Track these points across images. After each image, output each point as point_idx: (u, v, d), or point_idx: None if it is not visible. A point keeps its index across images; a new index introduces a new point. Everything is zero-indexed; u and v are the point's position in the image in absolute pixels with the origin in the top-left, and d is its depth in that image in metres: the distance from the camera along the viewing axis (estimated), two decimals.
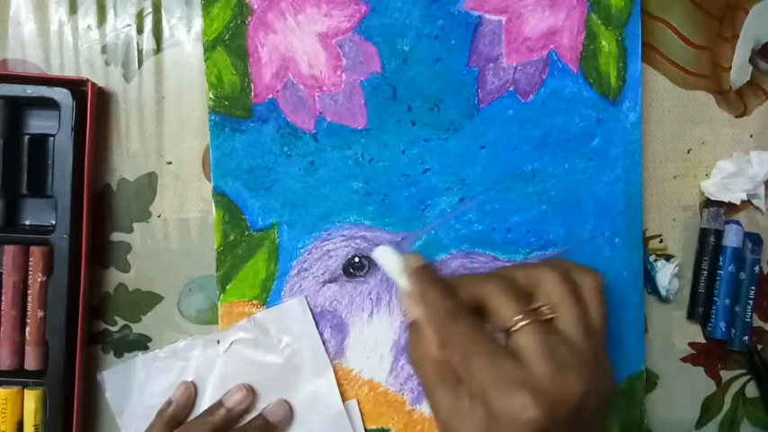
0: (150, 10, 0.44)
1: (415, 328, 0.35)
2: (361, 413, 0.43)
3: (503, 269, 0.36)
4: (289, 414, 0.42)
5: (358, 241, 0.43)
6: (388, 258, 0.38)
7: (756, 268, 0.45)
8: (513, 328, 0.32)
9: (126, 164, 0.44)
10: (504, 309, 0.33)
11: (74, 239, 0.41)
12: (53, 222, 0.41)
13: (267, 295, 0.43)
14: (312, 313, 0.43)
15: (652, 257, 0.45)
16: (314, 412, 0.43)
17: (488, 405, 0.30)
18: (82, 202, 0.42)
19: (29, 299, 0.41)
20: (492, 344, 0.32)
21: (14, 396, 0.41)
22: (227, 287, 0.43)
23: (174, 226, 0.44)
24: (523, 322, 0.32)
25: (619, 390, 0.42)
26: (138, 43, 0.44)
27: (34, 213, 0.43)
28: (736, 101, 0.46)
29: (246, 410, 0.42)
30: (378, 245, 0.43)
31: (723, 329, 0.45)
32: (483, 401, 0.31)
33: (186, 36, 0.44)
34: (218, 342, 0.43)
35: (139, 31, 0.44)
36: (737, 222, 0.45)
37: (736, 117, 0.46)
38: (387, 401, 0.44)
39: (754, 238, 0.45)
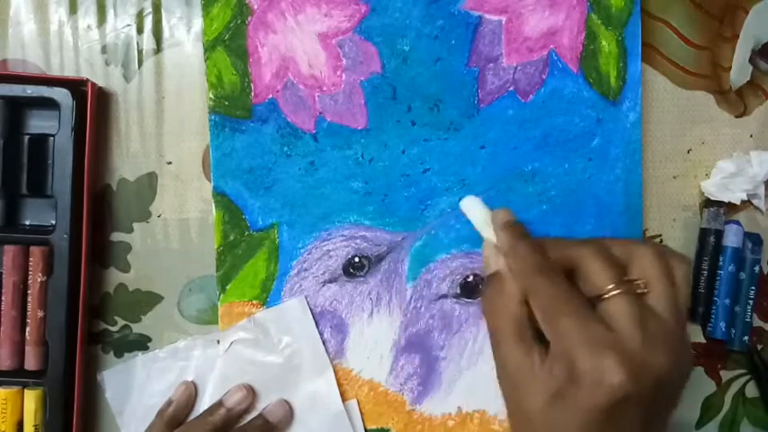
0: (150, 10, 0.44)
1: (496, 280, 0.34)
2: (361, 413, 0.43)
3: (598, 238, 0.35)
4: (289, 414, 0.42)
5: (358, 241, 0.43)
6: (474, 208, 0.36)
7: (756, 268, 0.45)
8: (606, 296, 0.31)
9: (126, 164, 0.44)
10: (598, 275, 0.32)
11: (74, 239, 0.41)
12: (53, 222, 0.41)
13: (267, 295, 0.43)
14: (312, 313, 0.43)
15: None
16: (314, 412, 0.43)
17: (573, 365, 0.30)
18: (82, 202, 0.42)
19: (29, 299, 0.41)
20: (583, 304, 0.31)
21: (14, 396, 0.41)
22: (227, 287, 0.43)
23: (174, 226, 0.44)
24: (616, 291, 0.31)
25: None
26: (138, 43, 0.44)
27: (34, 213, 0.43)
28: (736, 101, 0.46)
29: (246, 410, 0.42)
30: (378, 245, 0.43)
31: (723, 329, 0.45)
32: (566, 361, 0.30)
33: (186, 36, 0.44)
34: (218, 342, 0.43)
35: (139, 31, 0.44)
36: (737, 222, 0.45)
37: (736, 117, 0.46)
38: (387, 401, 0.44)
39: (754, 238, 0.45)
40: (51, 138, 0.42)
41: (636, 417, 0.29)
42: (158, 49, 0.44)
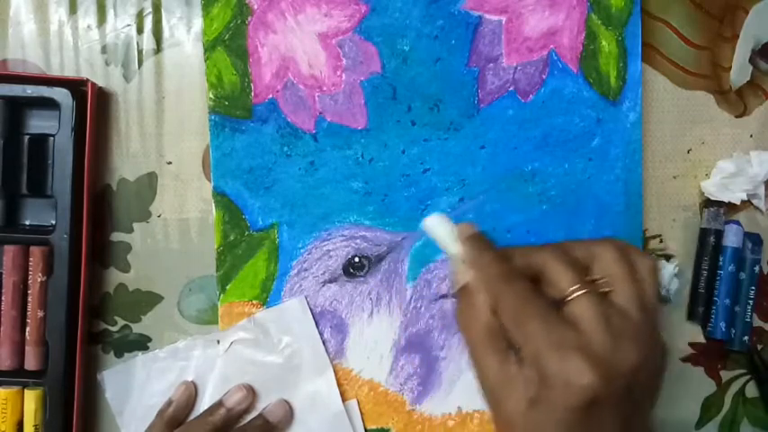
0: (150, 10, 0.44)
1: (466, 293, 0.34)
2: (361, 413, 0.43)
3: (559, 242, 0.35)
4: (289, 414, 0.42)
5: (358, 241, 0.43)
6: (440, 226, 0.37)
7: (756, 268, 0.45)
8: (569, 298, 0.32)
9: (126, 164, 0.44)
10: (560, 277, 0.32)
11: (74, 239, 0.41)
12: (53, 222, 0.41)
13: (267, 295, 0.43)
14: (312, 313, 0.43)
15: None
16: (314, 412, 0.43)
17: (542, 369, 0.30)
18: (82, 202, 0.42)
19: (29, 299, 0.41)
20: (548, 308, 0.32)
21: (14, 396, 0.41)
22: (227, 287, 0.43)
23: (174, 226, 0.44)
24: (580, 292, 0.32)
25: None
26: (138, 43, 0.44)
27: (34, 213, 0.43)
28: (736, 101, 0.46)
29: (246, 410, 0.42)
30: (378, 245, 0.43)
31: (723, 329, 0.45)
32: (536, 365, 0.30)
33: (186, 36, 0.44)
34: (218, 342, 0.43)
35: (139, 31, 0.44)
36: (737, 222, 0.45)
37: (736, 117, 0.46)
38: (387, 401, 0.44)
39: (754, 238, 0.45)
40: (51, 138, 0.42)
41: (612, 415, 0.30)
42: (158, 49, 0.44)
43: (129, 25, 0.44)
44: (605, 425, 0.30)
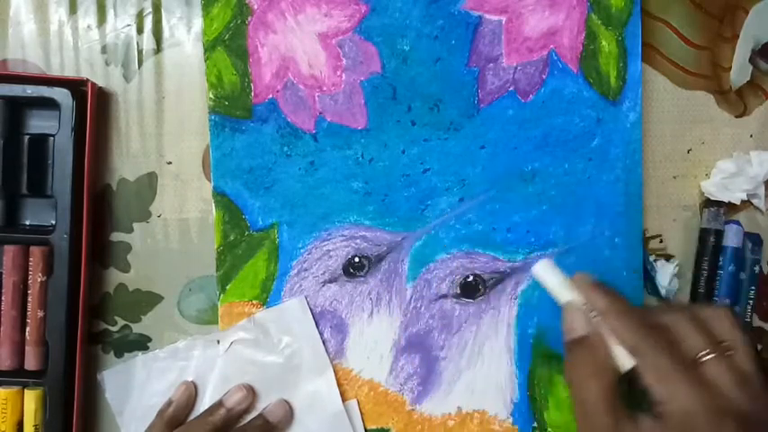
0: (150, 10, 0.44)
1: (584, 345, 0.35)
2: (361, 413, 0.43)
3: (681, 304, 0.37)
4: (289, 414, 0.42)
5: (358, 241, 0.43)
6: (553, 273, 0.38)
7: (756, 268, 0.45)
8: (702, 359, 0.33)
9: (126, 164, 0.44)
10: (693, 338, 0.34)
11: (74, 239, 0.41)
12: (53, 222, 0.41)
13: (267, 295, 0.43)
14: (312, 313, 0.43)
15: (652, 257, 0.45)
16: (314, 412, 0.43)
17: (691, 429, 0.31)
18: (82, 202, 0.42)
19: (29, 299, 0.41)
20: (692, 368, 0.33)
21: (14, 396, 0.41)
22: (227, 287, 0.43)
23: (174, 226, 0.44)
24: (712, 354, 0.33)
25: None
26: (138, 43, 0.44)
27: (34, 213, 0.43)
28: (736, 101, 0.46)
29: (246, 410, 0.42)
30: (378, 245, 0.43)
31: None
32: (683, 424, 0.31)
33: (186, 36, 0.44)
34: (218, 342, 0.43)
35: (139, 31, 0.44)
36: (737, 222, 0.45)
37: (736, 117, 0.46)
38: (387, 401, 0.44)
39: (754, 238, 0.45)
40: (51, 138, 0.42)
41: None
42: (158, 49, 0.44)
43: (129, 25, 0.44)
44: None
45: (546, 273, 0.38)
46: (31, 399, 0.41)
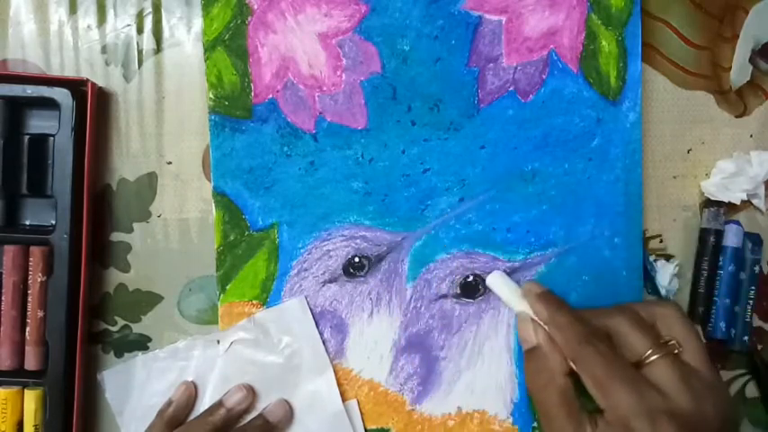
0: (150, 10, 0.44)
1: (537, 355, 0.35)
2: (361, 413, 0.43)
3: (626, 304, 0.37)
4: (289, 414, 0.42)
5: (358, 241, 0.43)
6: (504, 284, 0.38)
7: (756, 268, 0.45)
8: (647, 361, 0.33)
9: (126, 164, 0.44)
10: (636, 340, 0.34)
11: (74, 239, 0.41)
12: (53, 222, 0.41)
13: (267, 295, 0.43)
14: (312, 313, 0.43)
15: (652, 257, 0.45)
16: (314, 412, 0.43)
17: None
18: (82, 202, 0.42)
19: (29, 299, 0.41)
20: (633, 372, 0.33)
21: (14, 396, 0.41)
22: (227, 287, 0.43)
23: (174, 226, 0.44)
24: (656, 355, 0.33)
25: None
26: (138, 43, 0.44)
27: (34, 213, 0.43)
28: (736, 101, 0.46)
29: (246, 410, 0.42)
30: (378, 245, 0.43)
31: (723, 329, 0.45)
32: (624, 429, 0.31)
33: (186, 36, 0.44)
34: (218, 342, 0.43)
35: (139, 31, 0.44)
36: (737, 222, 0.45)
37: (736, 117, 0.46)
38: (387, 401, 0.44)
39: (754, 238, 0.45)
40: (51, 138, 0.42)
41: None
42: (158, 49, 0.44)
43: (129, 25, 0.44)
44: None
45: (497, 284, 0.38)
46: (31, 399, 0.41)
